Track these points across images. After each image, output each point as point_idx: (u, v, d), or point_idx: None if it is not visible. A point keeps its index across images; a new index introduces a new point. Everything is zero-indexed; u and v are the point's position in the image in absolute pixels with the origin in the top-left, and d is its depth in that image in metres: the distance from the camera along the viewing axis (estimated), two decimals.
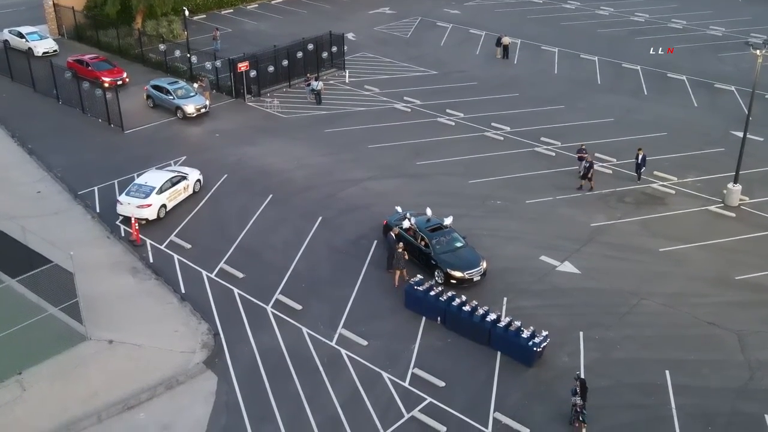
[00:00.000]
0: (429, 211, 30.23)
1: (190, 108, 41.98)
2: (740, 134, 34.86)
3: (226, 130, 41.21)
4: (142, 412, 22.37)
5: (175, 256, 29.96)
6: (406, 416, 22.48)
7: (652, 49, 48.02)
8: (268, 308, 27.08)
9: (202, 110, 42.39)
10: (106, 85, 43.75)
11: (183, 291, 27.89)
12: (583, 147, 35.61)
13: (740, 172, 33.70)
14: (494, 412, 22.63)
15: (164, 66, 48.72)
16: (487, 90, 46.97)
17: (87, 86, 41.71)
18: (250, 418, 22.34)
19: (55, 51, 50.79)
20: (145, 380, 23.24)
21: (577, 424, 21.88)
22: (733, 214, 33.26)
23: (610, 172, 36.68)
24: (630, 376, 24.11)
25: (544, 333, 24.64)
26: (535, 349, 24.18)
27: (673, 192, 35.08)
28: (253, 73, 44.71)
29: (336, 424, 22.17)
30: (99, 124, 41.48)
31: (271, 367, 24.35)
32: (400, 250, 27.98)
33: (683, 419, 22.49)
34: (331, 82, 48.01)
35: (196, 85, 44.25)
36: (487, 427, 22.10)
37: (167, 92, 42.70)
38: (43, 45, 51.01)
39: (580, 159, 35.18)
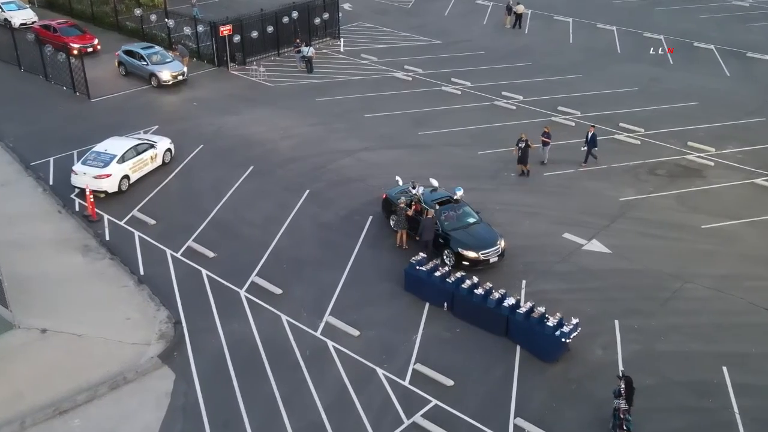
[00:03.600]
0: (434, 182, 25.94)
1: (165, 75, 37.58)
2: None
3: (206, 99, 36.86)
4: (78, 417, 18.01)
5: (136, 233, 25.64)
6: (406, 422, 18.13)
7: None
8: (242, 292, 22.73)
9: (179, 77, 38.00)
10: (75, 51, 39.33)
11: (142, 272, 23.57)
12: (547, 130, 30.61)
13: None
14: (515, 417, 18.29)
15: (141, 33, 44.36)
16: (497, 59, 42.63)
17: (50, 51, 37.34)
18: (211, 425, 18.01)
19: (34, 22, 45.81)
20: (84, 378, 18.90)
21: None
22: None
23: (638, 143, 32.37)
24: (680, 373, 19.74)
25: (574, 321, 20.27)
26: (563, 340, 19.81)
27: (712, 164, 30.71)
28: (237, 39, 40.35)
29: None
30: (63, 92, 37.15)
31: (241, 362, 20.01)
32: (402, 205, 24.10)
33: (749, 425, 18.13)
34: (325, 51, 43.64)
35: (171, 54, 39.87)
36: None
37: (140, 58, 38.31)
38: (21, 15, 46.34)
39: (545, 144, 30.43)
